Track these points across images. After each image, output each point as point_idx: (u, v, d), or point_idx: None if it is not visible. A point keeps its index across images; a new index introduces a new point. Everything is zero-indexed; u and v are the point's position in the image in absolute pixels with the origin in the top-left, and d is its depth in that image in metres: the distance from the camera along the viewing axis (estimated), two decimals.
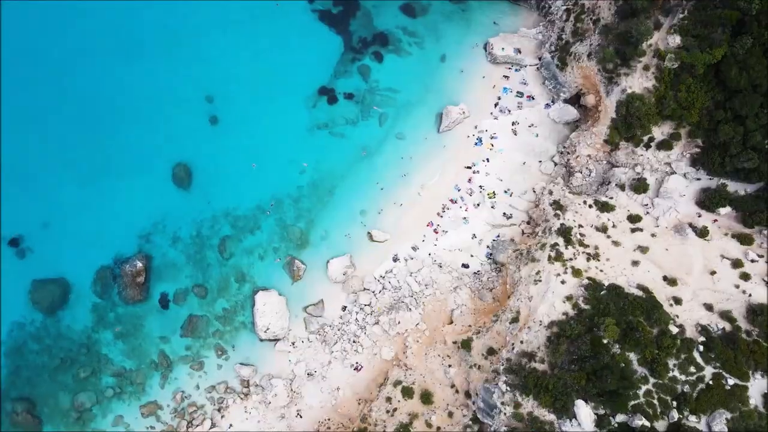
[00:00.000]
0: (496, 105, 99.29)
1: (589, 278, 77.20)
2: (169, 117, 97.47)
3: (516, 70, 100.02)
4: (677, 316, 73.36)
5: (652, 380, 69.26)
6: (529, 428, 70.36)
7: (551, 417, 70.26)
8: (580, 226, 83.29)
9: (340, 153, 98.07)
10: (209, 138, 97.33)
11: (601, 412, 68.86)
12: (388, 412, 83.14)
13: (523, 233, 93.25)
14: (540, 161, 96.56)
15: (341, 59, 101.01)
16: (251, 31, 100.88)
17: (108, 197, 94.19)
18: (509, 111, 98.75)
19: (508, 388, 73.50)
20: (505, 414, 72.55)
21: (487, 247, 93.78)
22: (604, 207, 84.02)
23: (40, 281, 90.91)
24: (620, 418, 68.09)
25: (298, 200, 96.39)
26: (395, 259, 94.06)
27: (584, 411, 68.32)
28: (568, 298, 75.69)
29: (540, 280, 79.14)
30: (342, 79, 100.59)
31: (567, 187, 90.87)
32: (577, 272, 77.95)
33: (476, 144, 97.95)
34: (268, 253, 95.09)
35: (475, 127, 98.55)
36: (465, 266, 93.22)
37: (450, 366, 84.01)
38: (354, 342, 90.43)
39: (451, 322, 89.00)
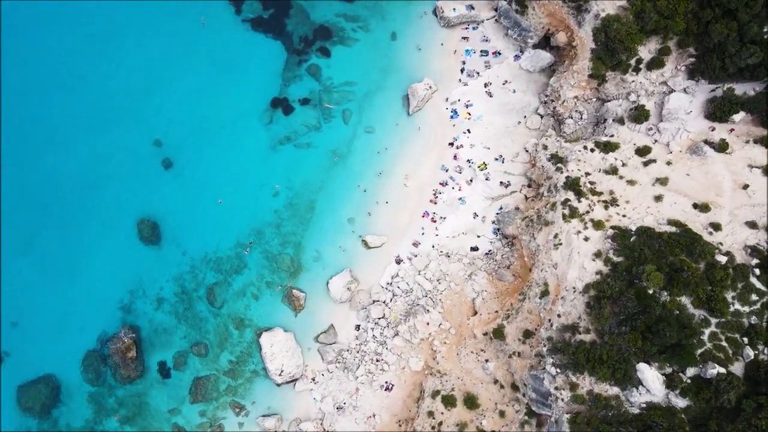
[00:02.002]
0: (462, 71, 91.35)
1: (613, 227, 69.14)
2: (119, 173, 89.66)
3: (474, 28, 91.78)
4: (721, 244, 65.62)
5: (713, 321, 61.58)
6: (594, 408, 62.14)
7: (614, 390, 62.18)
8: (587, 174, 75.29)
9: (311, 164, 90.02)
10: (167, 185, 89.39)
11: (668, 370, 60.92)
12: (433, 428, 75.23)
13: (526, 198, 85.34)
14: (524, 117, 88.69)
15: (287, 64, 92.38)
16: (184, 60, 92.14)
17: (75, 275, 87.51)
18: (478, 73, 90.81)
19: (558, 370, 65.31)
20: (562, 399, 64.33)
21: (493, 222, 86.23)
22: (608, 147, 76.07)
23: (25, 385, 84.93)
24: (691, 371, 60.28)
25: (278, 226, 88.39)
26: (398, 261, 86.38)
27: (649, 374, 60.30)
28: (597, 254, 67.57)
29: (560, 243, 71.00)
30: (293, 85, 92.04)
31: (561, 137, 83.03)
32: (598, 224, 69.90)
33: (452, 117, 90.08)
34: (261, 290, 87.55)
35: (447, 100, 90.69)
36: (474, 249, 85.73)
37: (487, 360, 75.95)
38: (377, 361, 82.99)
39: (476, 313, 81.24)
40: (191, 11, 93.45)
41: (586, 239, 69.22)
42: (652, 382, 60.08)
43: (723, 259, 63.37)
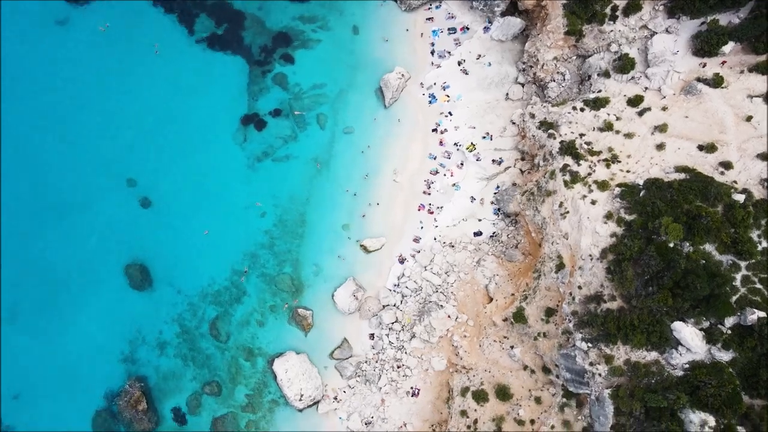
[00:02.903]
0: (432, 53, 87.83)
1: (619, 185, 65.23)
2: (97, 222, 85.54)
3: (437, 7, 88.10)
4: (735, 182, 61.78)
5: (743, 264, 57.65)
6: (635, 378, 58.15)
7: (653, 355, 58.18)
8: (582, 134, 71.49)
9: (293, 176, 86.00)
10: (149, 224, 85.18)
11: (706, 324, 56.92)
12: (469, 427, 71.16)
13: (522, 172, 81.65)
14: (505, 89, 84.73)
15: (251, 78, 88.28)
16: (144, 92, 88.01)
17: (69, 335, 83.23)
18: (449, 53, 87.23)
19: (589, 345, 61.29)
20: (599, 375, 60.32)
21: (492, 203, 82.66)
22: (597, 103, 72.28)
23: None
24: (730, 321, 56.28)
25: (271, 246, 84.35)
26: (402, 260, 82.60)
27: (687, 332, 56.31)
28: (608, 216, 63.62)
29: (567, 212, 67.08)
30: (261, 98, 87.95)
31: (546, 102, 79.26)
32: (603, 185, 66.01)
33: (431, 102, 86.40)
34: (265, 315, 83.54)
35: (422, 85, 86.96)
36: (477, 234, 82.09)
37: (512, 347, 72.04)
38: (398, 367, 79.25)
39: (491, 300, 77.50)
40: (143, 41, 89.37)
41: (594, 202, 65.30)
42: (691, 340, 56.11)
43: (741, 198, 59.49)
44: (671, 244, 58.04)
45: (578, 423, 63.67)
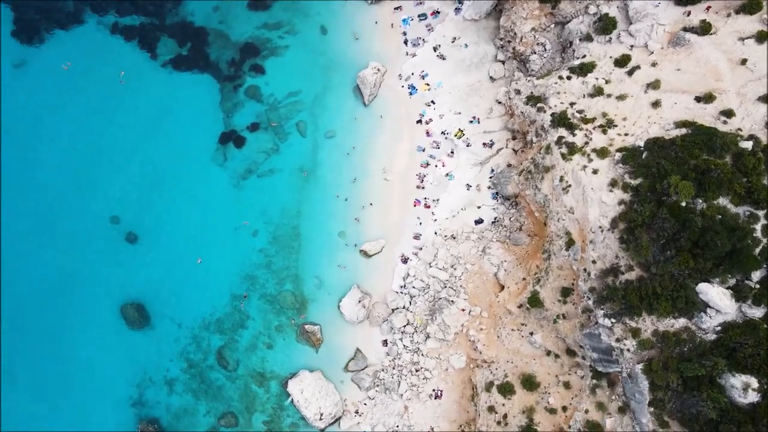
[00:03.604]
0: (406, 42, 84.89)
1: (619, 150, 62.16)
2: (85, 266, 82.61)
3: None
4: (740, 129, 58.79)
5: (761, 213, 54.53)
6: (666, 349, 55.07)
7: (681, 322, 55.08)
8: (572, 104, 68.45)
9: (281, 189, 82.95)
10: (138, 260, 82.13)
11: (732, 282, 53.89)
12: (499, 423, 68.08)
13: (516, 152, 78.71)
14: (486, 69, 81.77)
15: (223, 95, 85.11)
16: (115, 125, 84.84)
17: (73, 388, 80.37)
18: (423, 40, 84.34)
19: (613, 320, 58.18)
20: (628, 350, 57.22)
21: (489, 188, 79.77)
22: (584, 69, 69.23)
23: None
24: (757, 275, 53.26)
25: (268, 265, 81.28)
26: (405, 260, 79.61)
27: (714, 292, 53.24)
28: (612, 183, 60.53)
29: (569, 185, 63.99)
30: (236, 114, 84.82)
31: (530, 76, 76.23)
32: (602, 152, 62.92)
33: (411, 93, 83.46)
34: (272, 337, 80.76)
35: (400, 77, 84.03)
36: (479, 222, 79.34)
37: (532, 333, 69.07)
38: (417, 371, 76.41)
39: (502, 288, 74.56)
40: (107, 73, 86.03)
41: (595, 171, 62.18)
42: (719, 300, 53.04)
43: (749, 145, 56.47)
44: (683, 203, 55.03)
45: (613, 403, 60.57)
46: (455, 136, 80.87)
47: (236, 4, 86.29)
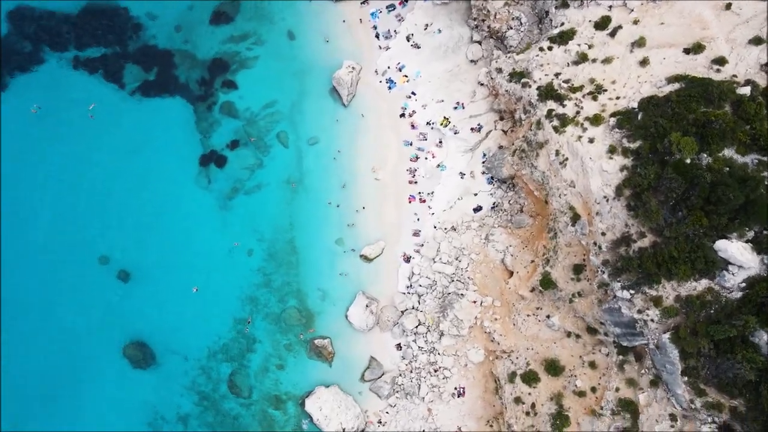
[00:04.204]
0: (377, 36, 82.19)
1: (613, 115, 59.69)
2: (80, 312, 79.08)
3: None
4: (735, 76, 56.49)
5: None
6: (692, 314, 52.51)
7: (704, 283, 52.49)
8: (557, 74, 65.95)
9: (270, 204, 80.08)
10: (134, 298, 79.04)
11: (751, 234, 51.34)
12: (528, 414, 65.52)
13: (505, 132, 76.33)
14: (463, 52, 79.28)
15: (197, 115, 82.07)
16: (90, 162, 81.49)
17: None
18: (394, 31, 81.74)
19: (632, 291, 55.64)
20: (652, 320, 54.68)
21: (483, 173, 77.48)
22: (564, 37, 66.68)
23: None
24: None
25: (268, 283, 78.55)
26: (407, 259, 77.19)
27: (733, 248, 50.64)
28: (611, 150, 58.01)
29: (566, 158, 61.50)
30: (213, 133, 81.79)
31: (510, 52, 73.67)
32: (595, 119, 60.42)
33: (390, 87, 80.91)
34: (283, 357, 78.13)
35: (376, 72, 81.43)
36: (477, 209, 77.01)
37: (548, 316, 66.56)
38: (436, 371, 74.02)
39: (511, 274, 71.93)
40: (76, 110, 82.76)
41: (591, 140, 59.65)
42: (740, 255, 50.45)
43: (746, 91, 54.14)
44: (688, 160, 52.58)
45: (644, 378, 57.98)
46: (441, 125, 78.33)
47: (198, 21, 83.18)
